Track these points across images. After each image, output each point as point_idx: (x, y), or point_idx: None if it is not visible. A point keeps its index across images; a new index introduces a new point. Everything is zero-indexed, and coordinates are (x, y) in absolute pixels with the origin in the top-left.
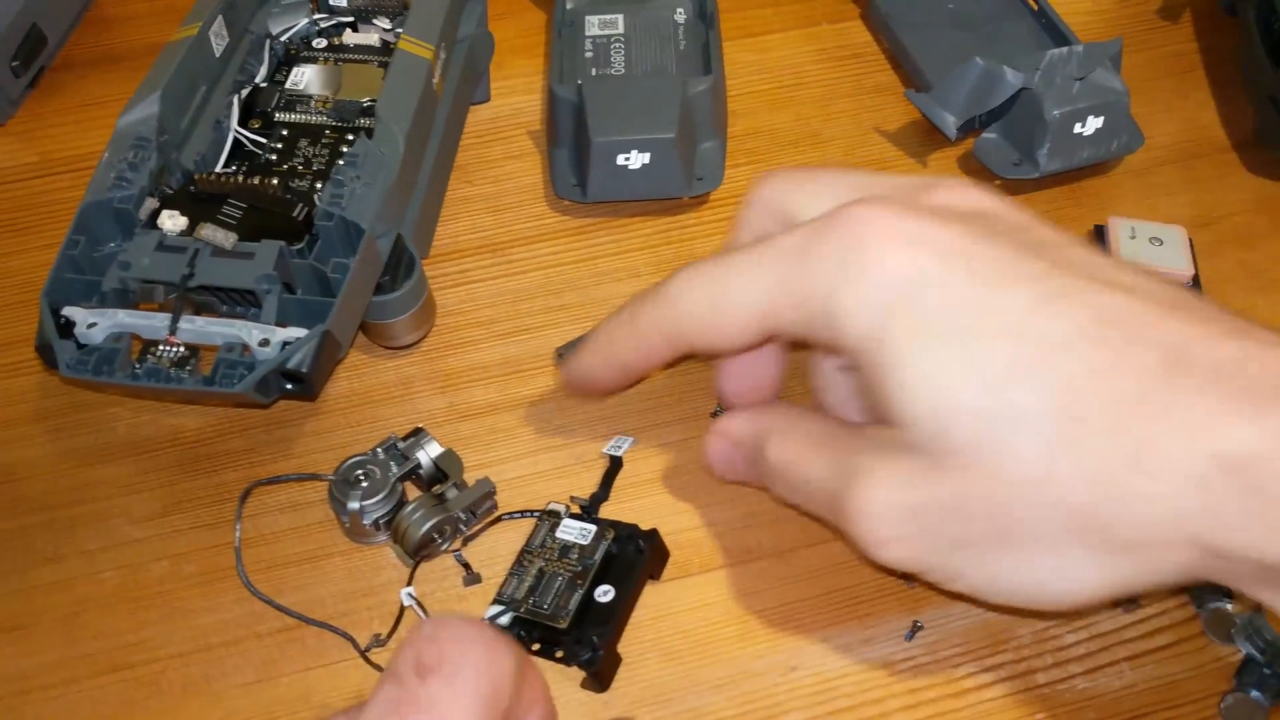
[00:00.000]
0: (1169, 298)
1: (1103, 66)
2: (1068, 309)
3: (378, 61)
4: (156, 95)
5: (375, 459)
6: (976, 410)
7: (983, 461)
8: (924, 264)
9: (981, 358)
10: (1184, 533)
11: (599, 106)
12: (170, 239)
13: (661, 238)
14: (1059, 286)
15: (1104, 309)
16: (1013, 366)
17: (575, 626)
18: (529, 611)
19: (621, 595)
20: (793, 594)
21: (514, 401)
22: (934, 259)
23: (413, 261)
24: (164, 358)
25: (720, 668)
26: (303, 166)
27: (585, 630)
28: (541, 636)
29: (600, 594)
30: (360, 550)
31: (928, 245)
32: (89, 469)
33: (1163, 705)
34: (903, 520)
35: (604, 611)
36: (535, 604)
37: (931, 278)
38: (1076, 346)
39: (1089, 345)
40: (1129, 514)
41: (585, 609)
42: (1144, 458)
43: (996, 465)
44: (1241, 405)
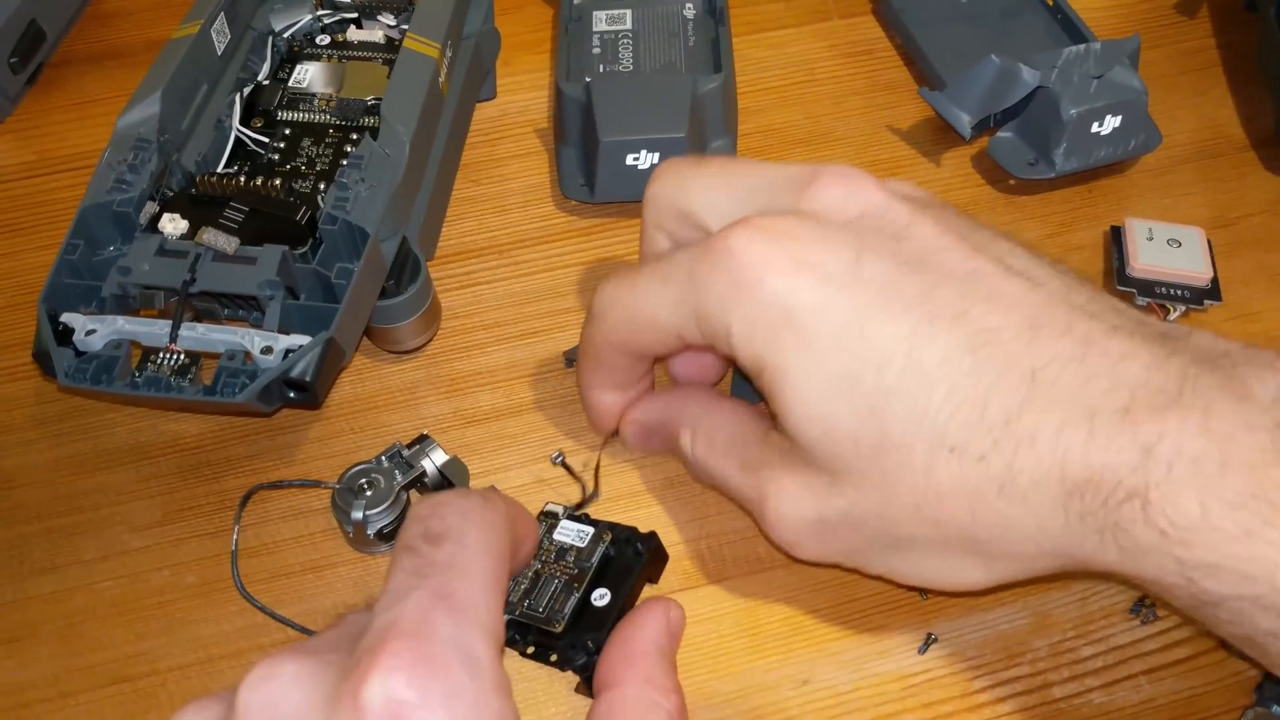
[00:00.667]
0: (1034, 309)
1: (1120, 64)
2: (939, 337)
3: (382, 59)
4: (157, 95)
5: (379, 467)
6: (859, 436)
7: (869, 482)
8: (805, 292)
9: (862, 386)
10: (1052, 549)
11: (607, 105)
12: (171, 243)
13: None
14: (933, 311)
15: (972, 334)
16: (891, 400)
17: (570, 631)
18: (524, 615)
19: (618, 599)
20: (803, 605)
21: (521, 407)
22: (814, 286)
23: (418, 264)
24: (164, 366)
25: (731, 681)
26: (306, 167)
27: (580, 635)
28: (536, 640)
29: (597, 598)
30: (364, 560)
31: (808, 271)
32: (87, 476)
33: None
34: (809, 528)
35: (600, 615)
36: (530, 607)
37: (811, 305)
38: (946, 378)
39: (960, 374)
40: (1001, 534)
41: (581, 613)
42: (1009, 482)
43: (882, 487)
44: (1095, 427)
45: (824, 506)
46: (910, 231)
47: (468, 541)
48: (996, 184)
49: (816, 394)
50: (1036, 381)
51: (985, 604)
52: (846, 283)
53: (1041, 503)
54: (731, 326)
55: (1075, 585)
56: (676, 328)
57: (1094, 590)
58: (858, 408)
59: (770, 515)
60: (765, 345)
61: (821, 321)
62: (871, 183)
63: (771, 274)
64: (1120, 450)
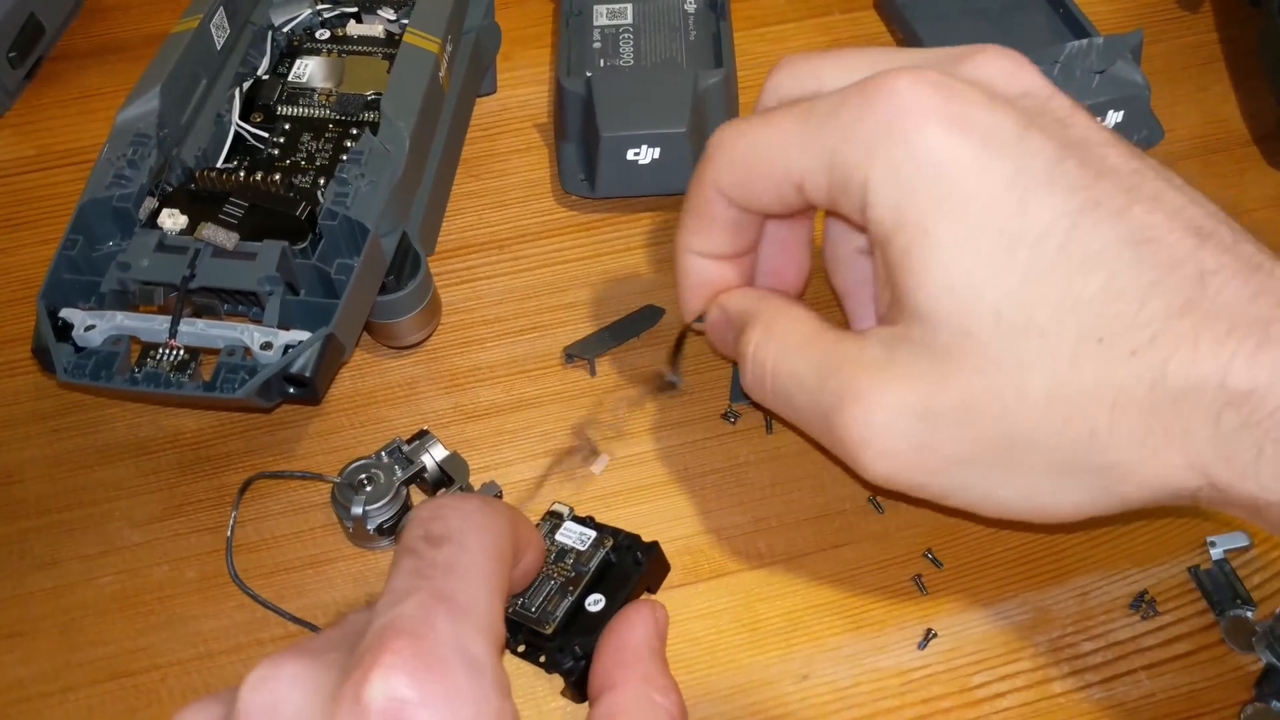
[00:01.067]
0: (1199, 220)
1: (1123, 59)
2: (1102, 224)
3: (382, 54)
4: (156, 91)
5: (379, 462)
6: (1000, 318)
7: (1001, 368)
8: (965, 152)
9: (1013, 265)
10: (1191, 464)
11: (608, 100)
12: (170, 239)
13: (671, 234)
14: (1095, 197)
15: (1136, 228)
16: (1043, 279)
17: (561, 633)
18: (516, 613)
19: (612, 606)
20: (803, 601)
21: (521, 402)
22: (975, 148)
23: (418, 260)
24: (164, 361)
25: (731, 676)
26: (305, 162)
27: (570, 638)
28: (527, 639)
29: (591, 603)
30: (364, 555)
31: (970, 131)
32: (87, 471)
33: (1181, 715)
34: (905, 427)
35: (592, 621)
36: (524, 606)
37: (971, 165)
38: (1106, 266)
39: (1121, 264)
40: (1133, 439)
41: (574, 616)
42: (1159, 383)
43: (1014, 379)
44: (1254, 340)
45: (934, 397)
46: (1073, 120)
47: (468, 544)
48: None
49: (962, 262)
50: (1205, 285)
51: (985, 599)
52: (1011, 150)
53: (1193, 409)
54: (871, 177)
55: (1074, 581)
56: (800, 175)
57: (1094, 586)
58: (1006, 282)
59: (857, 417)
60: (909, 201)
61: (979, 185)
62: (1034, 67)
63: (933, 124)
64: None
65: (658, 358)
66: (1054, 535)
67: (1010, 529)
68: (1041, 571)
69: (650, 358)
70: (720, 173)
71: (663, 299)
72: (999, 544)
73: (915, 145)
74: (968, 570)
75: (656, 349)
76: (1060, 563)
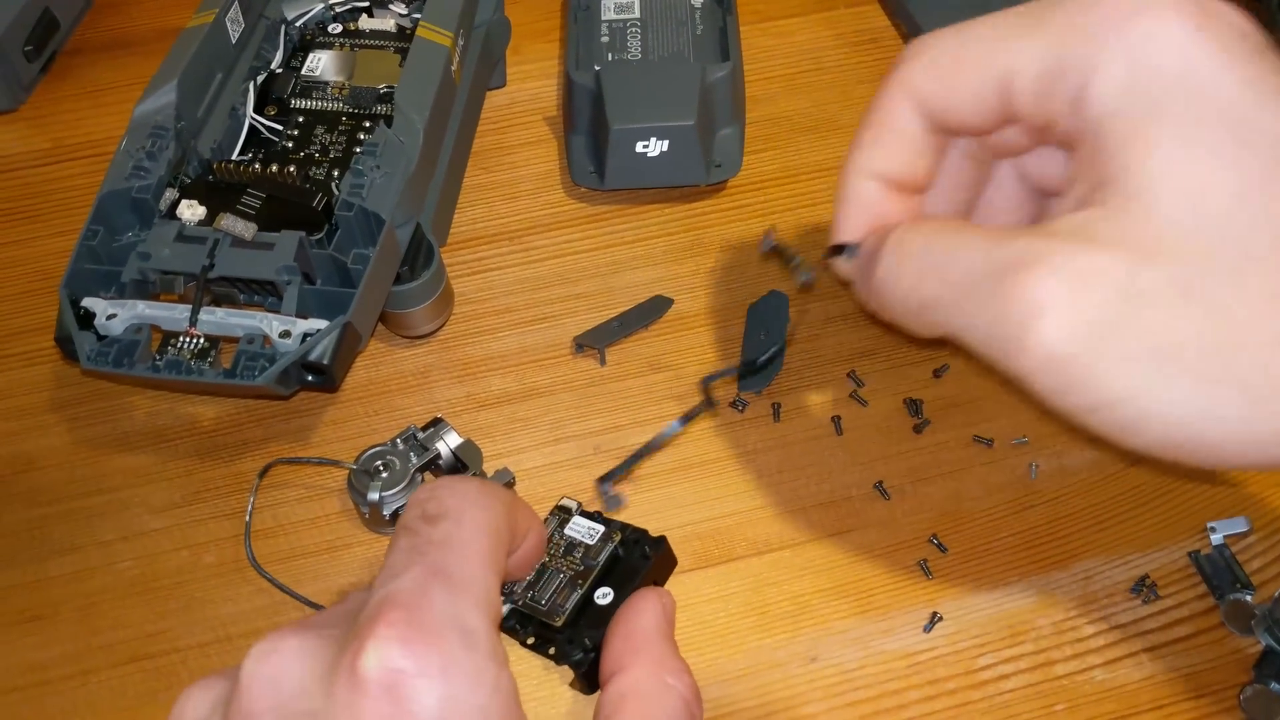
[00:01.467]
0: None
1: None
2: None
3: (394, 47)
4: (174, 84)
5: (395, 449)
6: (1228, 213)
7: (1220, 265)
8: (1205, 47)
9: (1246, 163)
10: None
11: (617, 93)
12: (189, 229)
13: (679, 225)
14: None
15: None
16: (1274, 182)
17: (570, 626)
18: (526, 605)
19: (620, 599)
20: (810, 585)
21: (532, 390)
22: (1215, 44)
23: (431, 250)
24: (184, 349)
25: (740, 659)
26: (319, 154)
27: (579, 631)
28: (536, 632)
29: (599, 596)
30: (379, 540)
31: (1211, 27)
32: (106, 458)
33: (1182, 696)
34: (1100, 297)
35: (601, 614)
36: (533, 598)
37: (1208, 62)
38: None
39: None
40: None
41: (583, 609)
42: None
43: (1233, 276)
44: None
45: (1142, 272)
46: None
47: (464, 521)
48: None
49: (1194, 150)
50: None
51: (989, 583)
52: (1251, 56)
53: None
54: (1099, 70)
55: (1077, 565)
56: (1010, 70)
57: (1096, 570)
58: (1237, 177)
59: (1041, 279)
60: (1140, 88)
61: (1217, 80)
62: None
63: (1172, 15)
64: None
65: (666, 347)
66: (1057, 519)
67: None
68: (1045, 556)
69: (659, 348)
70: (916, 73)
71: (671, 289)
72: (1003, 529)
73: (1154, 34)
74: (972, 555)
75: (665, 339)
76: (1064, 547)
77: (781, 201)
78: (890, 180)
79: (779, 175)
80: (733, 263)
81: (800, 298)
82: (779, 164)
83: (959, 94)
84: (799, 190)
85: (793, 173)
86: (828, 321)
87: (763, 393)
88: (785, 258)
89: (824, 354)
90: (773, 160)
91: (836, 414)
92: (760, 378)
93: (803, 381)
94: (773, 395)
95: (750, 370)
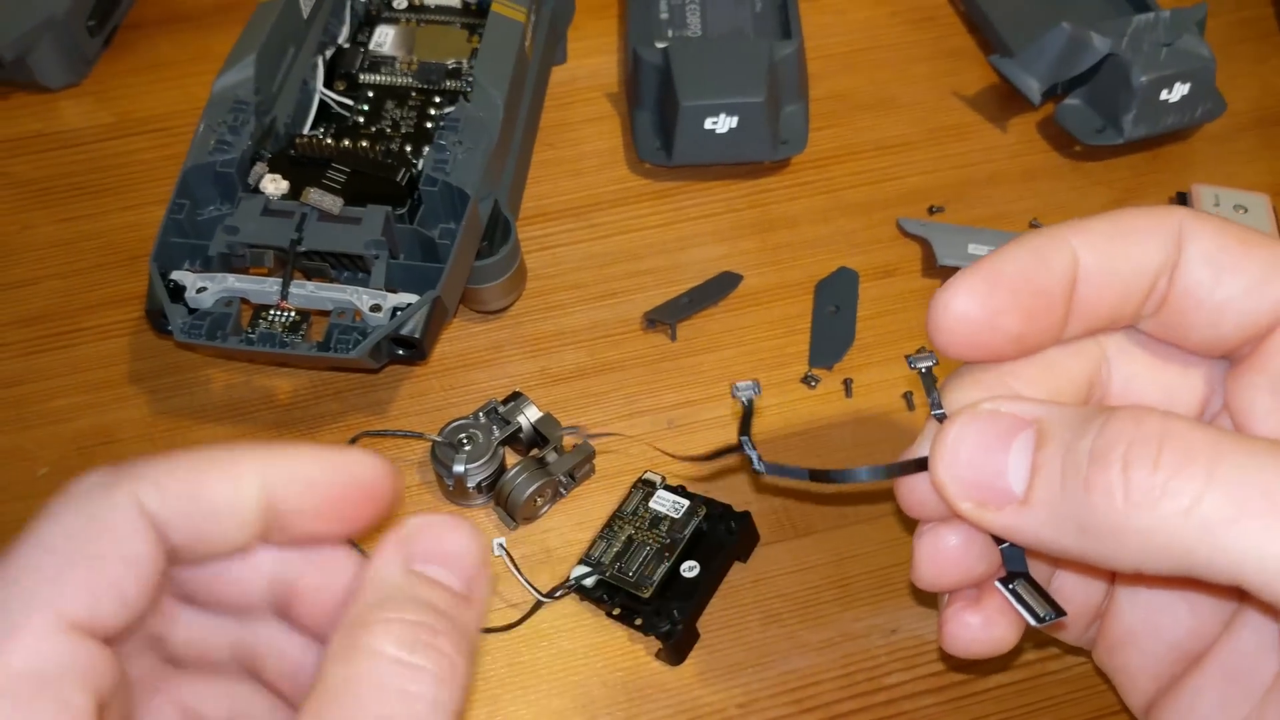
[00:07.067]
0: None
1: (1189, 32)
2: None
3: (460, 23)
4: (252, 58)
5: (477, 422)
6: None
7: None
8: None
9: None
10: None
11: (686, 69)
12: (275, 203)
13: (745, 201)
14: None
15: None
16: None
17: (658, 598)
18: (614, 577)
19: (706, 573)
20: (890, 558)
21: (604, 365)
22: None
23: (508, 226)
24: (275, 322)
25: (822, 629)
26: (390, 129)
27: (667, 603)
28: (623, 603)
29: (686, 569)
30: (460, 512)
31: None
32: (186, 430)
33: None
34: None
35: (688, 587)
36: (621, 570)
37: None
38: None
39: None
40: None
41: (669, 582)
42: None
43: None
44: None
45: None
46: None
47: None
48: (1062, 150)
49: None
50: None
51: None
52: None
53: None
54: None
55: None
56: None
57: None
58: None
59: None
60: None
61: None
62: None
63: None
64: None
65: (736, 323)
66: None
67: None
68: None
69: (728, 323)
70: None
71: (737, 265)
72: None
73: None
74: None
75: (734, 314)
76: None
77: (844, 179)
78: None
79: (841, 152)
80: (799, 239)
81: (869, 276)
82: (840, 141)
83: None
84: (861, 168)
85: (854, 150)
86: (898, 297)
87: (834, 368)
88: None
89: (895, 330)
90: (835, 138)
91: (908, 390)
92: (831, 352)
93: (873, 358)
94: (843, 371)
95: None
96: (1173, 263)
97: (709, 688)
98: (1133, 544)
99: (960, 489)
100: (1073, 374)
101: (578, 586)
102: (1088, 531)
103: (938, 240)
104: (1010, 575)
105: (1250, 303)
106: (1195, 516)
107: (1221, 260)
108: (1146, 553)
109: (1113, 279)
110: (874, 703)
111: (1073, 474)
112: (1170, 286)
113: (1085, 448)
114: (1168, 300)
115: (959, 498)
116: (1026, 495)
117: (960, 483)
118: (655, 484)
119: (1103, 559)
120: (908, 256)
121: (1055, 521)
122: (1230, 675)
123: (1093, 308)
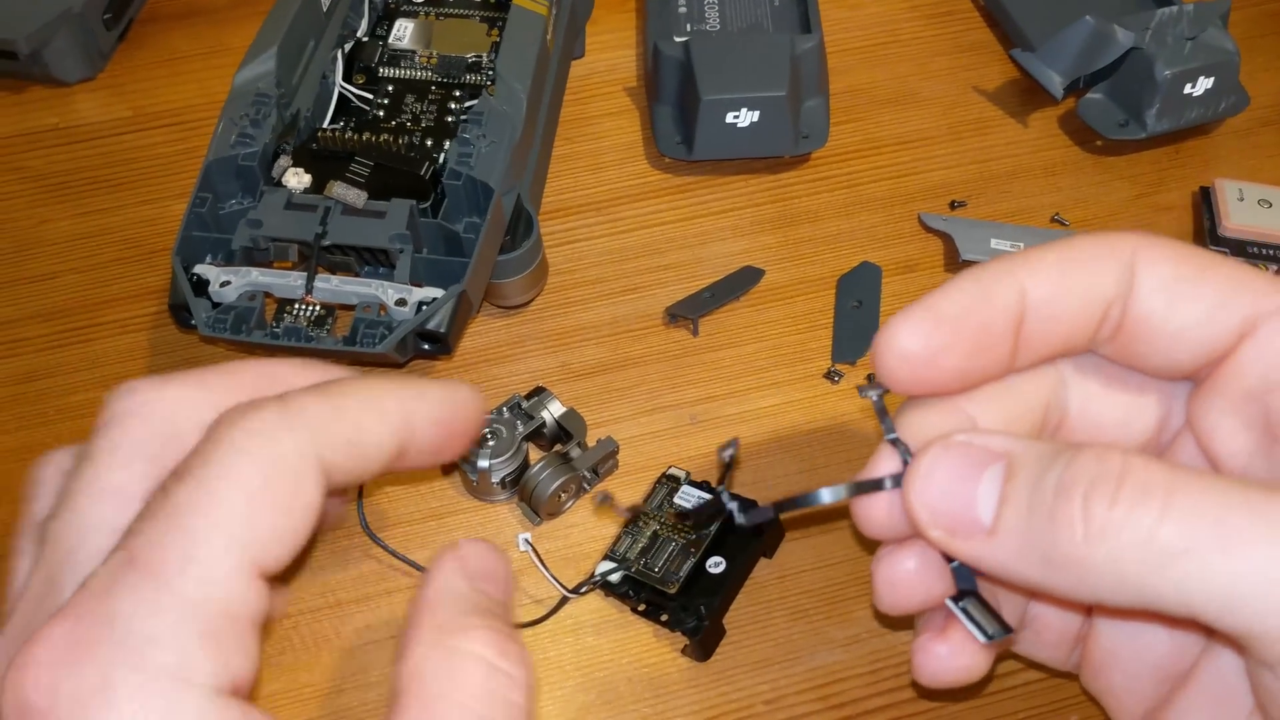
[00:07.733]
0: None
1: (1213, 25)
2: None
3: (479, 16)
4: (273, 51)
5: (500, 418)
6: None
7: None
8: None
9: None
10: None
11: (707, 64)
12: (299, 196)
13: (765, 196)
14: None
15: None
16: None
17: (683, 593)
18: (639, 572)
19: (732, 569)
20: None
21: (625, 361)
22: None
23: (531, 221)
24: (301, 316)
25: (848, 625)
26: (411, 123)
27: (693, 599)
28: (649, 598)
29: (712, 565)
30: (484, 508)
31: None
32: None
33: None
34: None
35: (714, 583)
36: (647, 566)
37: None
38: None
39: None
40: None
41: (695, 577)
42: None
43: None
44: None
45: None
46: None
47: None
48: (1084, 145)
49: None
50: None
51: None
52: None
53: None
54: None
55: None
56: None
57: None
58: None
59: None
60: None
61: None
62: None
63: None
64: None
65: (758, 318)
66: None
67: None
68: None
69: (750, 318)
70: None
71: (759, 260)
72: None
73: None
74: None
75: (756, 309)
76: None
77: (865, 174)
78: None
79: (861, 147)
80: (820, 234)
81: (892, 270)
82: (861, 135)
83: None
84: (882, 162)
85: (875, 145)
86: (921, 292)
87: (856, 363)
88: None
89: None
90: (855, 132)
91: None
92: (855, 348)
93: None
94: (867, 366)
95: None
96: (1126, 292)
97: (735, 684)
98: (1092, 576)
99: (931, 517)
100: (1028, 397)
101: (603, 582)
102: (1051, 563)
103: (960, 235)
104: (961, 593)
105: (1206, 330)
106: (1150, 549)
107: (1176, 288)
108: (1106, 584)
109: (1062, 311)
110: (901, 699)
111: (1038, 507)
112: (1125, 315)
113: (1051, 482)
114: (1123, 328)
115: (930, 525)
116: (994, 525)
117: (931, 511)
118: (680, 479)
119: (1066, 590)
120: (930, 251)
121: (1021, 552)
122: (1217, 698)
123: (1043, 339)
